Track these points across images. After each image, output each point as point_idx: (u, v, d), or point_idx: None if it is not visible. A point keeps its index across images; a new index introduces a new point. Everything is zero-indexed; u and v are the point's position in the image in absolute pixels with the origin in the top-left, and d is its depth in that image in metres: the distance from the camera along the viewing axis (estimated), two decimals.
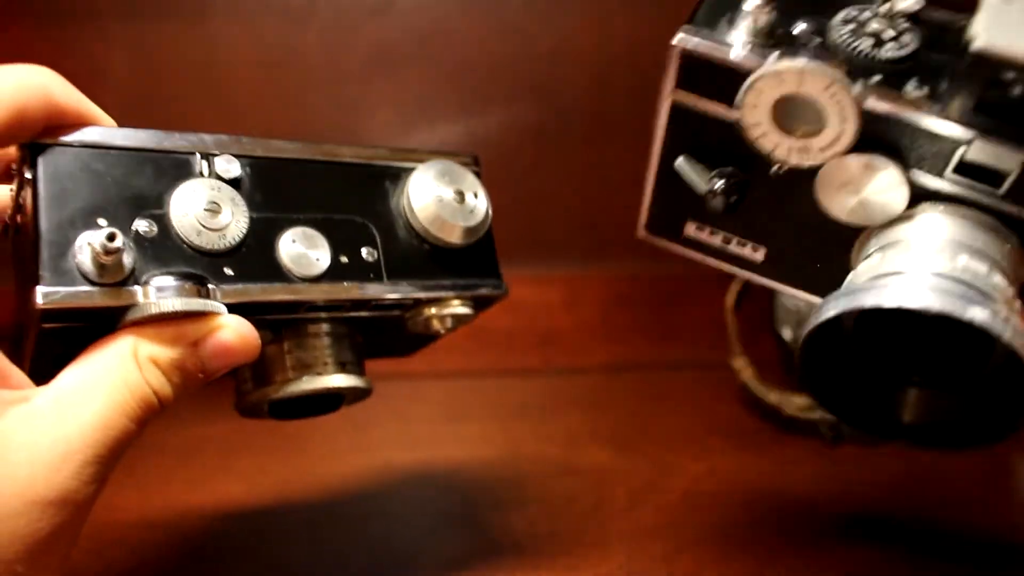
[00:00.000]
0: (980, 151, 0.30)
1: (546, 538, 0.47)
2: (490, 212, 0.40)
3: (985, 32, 0.28)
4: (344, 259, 0.36)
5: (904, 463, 0.54)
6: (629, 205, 0.39)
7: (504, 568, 0.44)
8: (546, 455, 0.57)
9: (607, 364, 0.72)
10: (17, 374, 0.31)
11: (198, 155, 0.34)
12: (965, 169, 0.31)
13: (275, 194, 0.36)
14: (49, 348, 0.32)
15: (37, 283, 0.30)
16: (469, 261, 0.40)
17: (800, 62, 0.30)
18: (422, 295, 0.38)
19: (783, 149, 0.33)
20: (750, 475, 0.54)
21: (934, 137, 0.31)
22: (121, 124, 0.34)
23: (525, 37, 0.71)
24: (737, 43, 0.32)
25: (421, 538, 0.48)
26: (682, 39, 0.33)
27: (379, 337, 0.42)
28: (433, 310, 0.39)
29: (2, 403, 0.29)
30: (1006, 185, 0.31)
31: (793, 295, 0.37)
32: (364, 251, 0.37)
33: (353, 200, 0.37)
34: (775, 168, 0.34)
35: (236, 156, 0.35)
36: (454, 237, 0.39)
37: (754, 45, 0.32)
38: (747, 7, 0.32)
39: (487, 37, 0.71)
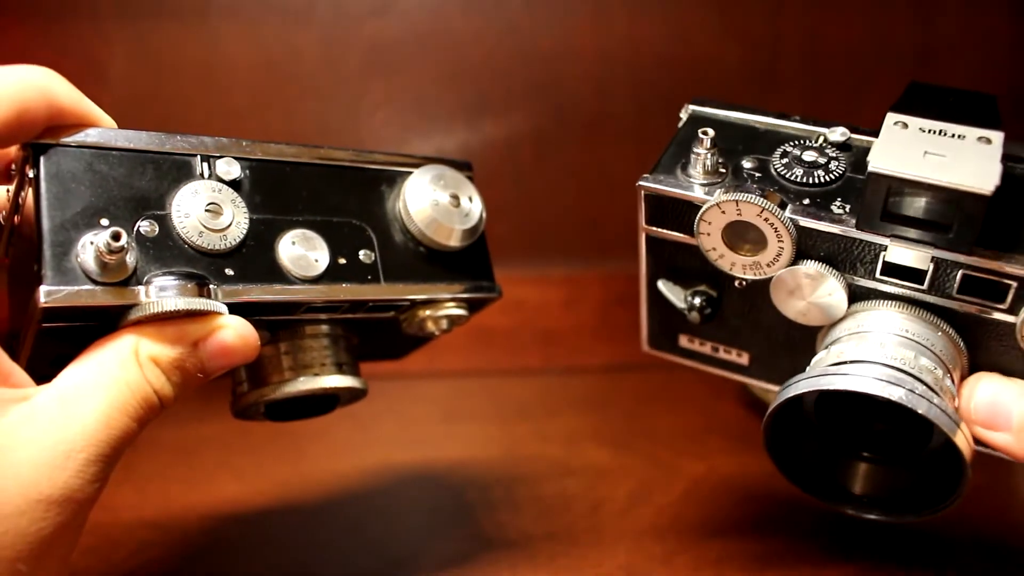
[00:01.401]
0: (896, 254, 0.34)
1: (545, 538, 0.47)
2: (484, 216, 0.40)
3: (878, 154, 0.32)
4: (342, 261, 0.37)
5: None
6: (629, 205, 0.40)
7: (503, 568, 0.44)
8: (546, 455, 0.57)
9: (607, 364, 0.72)
10: (18, 372, 0.31)
11: (199, 157, 0.34)
12: (889, 270, 0.35)
13: (275, 196, 0.36)
14: (47, 347, 0.32)
15: (40, 282, 0.30)
16: (464, 264, 0.40)
17: (736, 194, 0.35)
18: (418, 297, 0.39)
19: (739, 267, 0.37)
20: (750, 475, 0.54)
21: (857, 245, 0.35)
22: (122, 124, 0.34)
23: (525, 37, 0.71)
24: (689, 182, 0.37)
25: (420, 538, 0.48)
26: (645, 183, 0.37)
27: (373, 339, 0.42)
28: (428, 312, 0.39)
29: (4, 401, 0.29)
30: (927, 281, 0.35)
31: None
32: (362, 253, 0.37)
33: (351, 203, 0.38)
34: (737, 282, 0.39)
35: (236, 158, 0.35)
36: (449, 240, 0.39)
37: (703, 183, 0.37)
38: (696, 151, 0.36)
39: (487, 37, 0.71)
